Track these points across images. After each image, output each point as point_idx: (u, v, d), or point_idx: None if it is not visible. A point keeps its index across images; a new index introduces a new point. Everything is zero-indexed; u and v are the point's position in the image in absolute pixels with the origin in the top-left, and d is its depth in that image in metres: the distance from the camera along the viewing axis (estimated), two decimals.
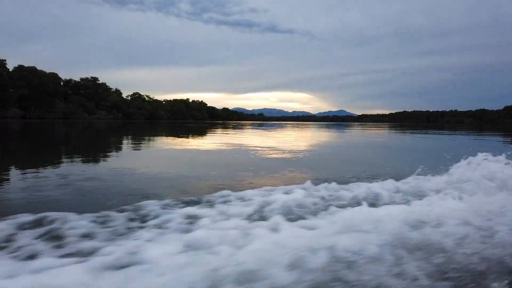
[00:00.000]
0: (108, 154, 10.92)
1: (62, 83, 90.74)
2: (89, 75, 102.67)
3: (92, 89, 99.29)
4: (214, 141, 17.94)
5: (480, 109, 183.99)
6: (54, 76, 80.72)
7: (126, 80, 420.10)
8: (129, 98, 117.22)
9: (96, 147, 13.88)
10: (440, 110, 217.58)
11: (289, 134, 27.53)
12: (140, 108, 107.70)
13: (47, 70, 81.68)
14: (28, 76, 71.11)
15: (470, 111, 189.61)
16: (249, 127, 46.40)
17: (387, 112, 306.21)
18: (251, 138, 20.97)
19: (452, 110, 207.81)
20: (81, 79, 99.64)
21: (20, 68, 73.50)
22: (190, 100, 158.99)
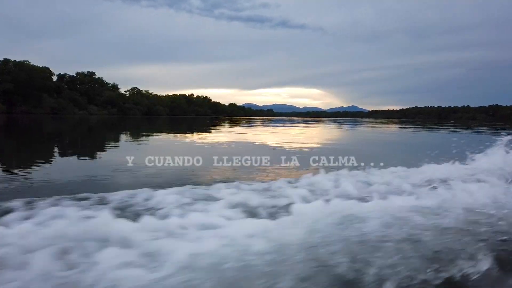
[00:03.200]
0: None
1: (56, 78, 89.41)
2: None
3: (87, 84, 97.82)
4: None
5: (493, 104, 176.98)
6: (44, 70, 79.04)
7: (134, 76, 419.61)
8: (127, 93, 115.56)
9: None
10: (452, 106, 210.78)
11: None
12: (137, 104, 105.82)
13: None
14: (15, 70, 69.55)
15: (483, 107, 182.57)
16: (240, 124, 43.54)
17: (398, 108, 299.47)
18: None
19: (464, 106, 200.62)
20: (77, 73, 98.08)
21: (6, 62, 71.99)
22: (195, 96, 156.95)
